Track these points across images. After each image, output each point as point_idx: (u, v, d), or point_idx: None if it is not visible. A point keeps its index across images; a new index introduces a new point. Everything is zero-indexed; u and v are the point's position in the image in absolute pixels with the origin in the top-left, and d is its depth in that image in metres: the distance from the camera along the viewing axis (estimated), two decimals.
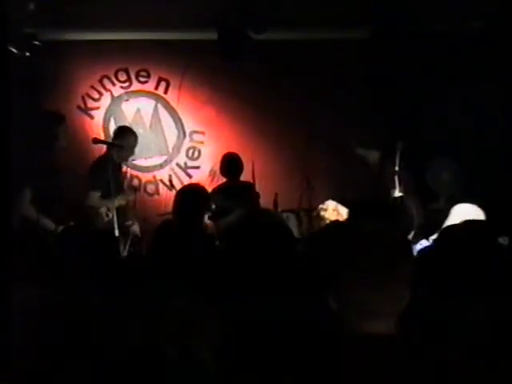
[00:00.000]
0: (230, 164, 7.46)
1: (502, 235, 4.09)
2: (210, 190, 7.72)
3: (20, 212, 6.06)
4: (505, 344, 2.72)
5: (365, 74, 8.05)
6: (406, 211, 5.64)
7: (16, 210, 5.94)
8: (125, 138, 7.07)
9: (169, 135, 8.47)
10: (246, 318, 2.88)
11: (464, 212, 5.29)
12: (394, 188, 6.59)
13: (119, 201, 6.69)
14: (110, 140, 7.98)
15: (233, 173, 7.42)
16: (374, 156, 6.88)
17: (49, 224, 6.14)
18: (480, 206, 5.51)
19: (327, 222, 5.91)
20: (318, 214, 6.22)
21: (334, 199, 6.77)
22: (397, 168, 6.57)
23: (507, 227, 4.38)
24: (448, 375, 2.01)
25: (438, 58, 7.69)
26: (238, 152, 7.82)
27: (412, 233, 6.03)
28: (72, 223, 5.94)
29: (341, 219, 5.91)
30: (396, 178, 6.55)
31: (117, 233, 6.27)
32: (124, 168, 7.78)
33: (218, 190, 7.37)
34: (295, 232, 6.33)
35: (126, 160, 7.22)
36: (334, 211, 6.10)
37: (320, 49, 8.12)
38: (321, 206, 6.44)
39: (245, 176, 7.50)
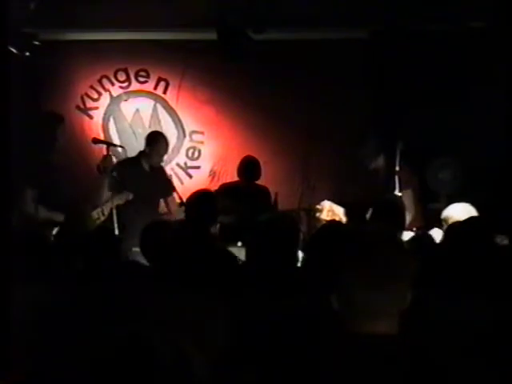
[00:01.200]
0: (247, 167, 7.44)
1: (501, 234, 4.09)
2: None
3: (24, 211, 6.06)
4: (505, 343, 2.72)
5: (365, 74, 8.04)
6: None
7: (19, 210, 5.95)
8: (157, 143, 7.08)
9: (168, 135, 8.44)
10: (248, 318, 2.88)
11: (457, 212, 5.26)
12: (395, 188, 6.60)
13: (117, 200, 6.68)
14: (110, 140, 8.02)
15: (248, 176, 7.39)
16: (380, 161, 6.91)
17: (58, 217, 6.12)
18: (479, 205, 5.51)
19: (323, 222, 5.91)
20: (314, 214, 6.22)
21: (334, 199, 6.78)
22: (397, 168, 6.59)
23: (506, 226, 4.38)
24: (448, 375, 2.01)
25: (438, 58, 7.69)
26: (237, 152, 7.81)
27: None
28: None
29: (337, 219, 5.91)
30: (396, 178, 6.57)
31: (117, 232, 6.26)
32: None
33: (224, 189, 7.36)
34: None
35: (157, 165, 7.19)
36: (329, 212, 6.11)
37: (320, 49, 8.11)
38: (317, 206, 6.45)
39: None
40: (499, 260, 3.23)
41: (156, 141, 7.14)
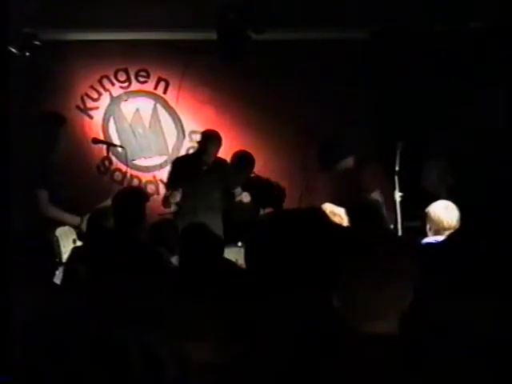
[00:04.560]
0: (240, 161, 7.47)
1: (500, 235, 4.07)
2: None
3: (41, 212, 6.05)
4: (504, 344, 2.72)
5: (365, 73, 8.05)
6: None
7: (35, 211, 5.95)
8: (208, 142, 7.07)
9: (168, 135, 8.47)
10: (246, 318, 2.88)
11: (437, 208, 5.21)
12: (394, 188, 6.61)
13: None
14: (110, 140, 8.02)
15: (243, 169, 7.44)
16: (348, 163, 6.97)
17: (74, 219, 6.11)
18: (479, 205, 5.50)
19: None
20: None
21: (333, 200, 6.79)
22: (397, 168, 6.61)
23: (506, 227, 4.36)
24: (448, 375, 2.01)
25: (438, 57, 7.69)
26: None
27: None
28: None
29: (337, 220, 5.91)
30: (396, 178, 6.59)
31: None
32: (125, 168, 7.79)
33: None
34: None
35: (208, 164, 7.13)
36: (330, 213, 6.11)
37: (320, 49, 8.12)
38: None
39: None
40: (500, 260, 3.23)
41: (205, 140, 7.12)
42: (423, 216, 5.23)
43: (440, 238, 4.87)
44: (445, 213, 5.03)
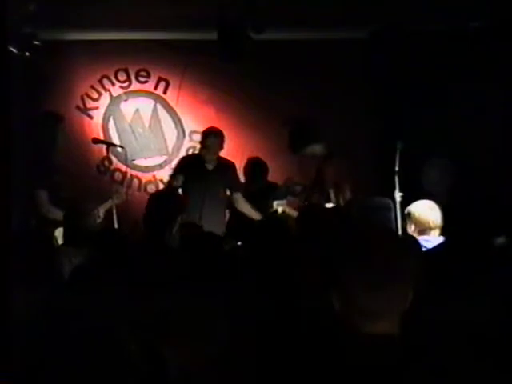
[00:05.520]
0: (254, 168, 7.54)
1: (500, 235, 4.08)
2: None
3: (41, 212, 6.06)
4: (503, 344, 2.72)
5: (365, 73, 8.05)
6: None
7: (35, 211, 5.96)
8: (208, 138, 7.00)
9: (168, 135, 8.47)
10: (246, 318, 2.89)
11: (419, 208, 5.16)
12: (394, 188, 6.61)
13: (114, 200, 6.67)
14: (110, 140, 8.03)
15: (257, 177, 7.51)
16: (316, 149, 7.00)
17: None
18: (479, 205, 5.49)
19: None
20: None
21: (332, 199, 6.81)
22: (397, 168, 6.61)
23: (506, 227, 4.37)
24: (448, 375, 2.01)
25: (438, 57, 7.69)
26: (237, 152, 7.82)
27: None
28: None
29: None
30: (396, 178, 6.59)
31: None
32: (125, 168, 7.80)
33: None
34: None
35: (210, 162, 7.05)
36: None
37: (320, 49, 8.12)
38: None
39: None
40: (499, 260, 3.23)
41: (204, 137, 7.06)
42: (405, 216, 5.17)
43: (426, 237, 4.86)
44: (430, 213, 4.99)
